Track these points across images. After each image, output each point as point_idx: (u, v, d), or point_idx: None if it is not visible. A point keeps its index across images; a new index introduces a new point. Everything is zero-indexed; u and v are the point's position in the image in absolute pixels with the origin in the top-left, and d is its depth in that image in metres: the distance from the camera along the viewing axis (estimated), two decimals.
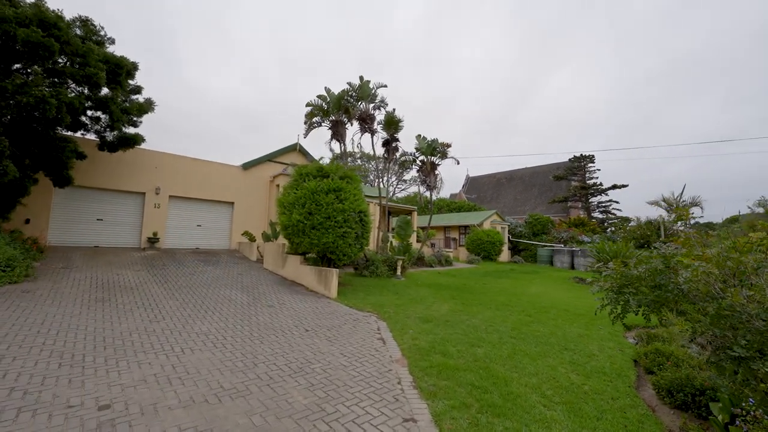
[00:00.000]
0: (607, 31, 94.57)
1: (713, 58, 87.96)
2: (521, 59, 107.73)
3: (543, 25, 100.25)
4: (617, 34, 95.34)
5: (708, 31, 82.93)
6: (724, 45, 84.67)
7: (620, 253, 14.28)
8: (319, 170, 9.29)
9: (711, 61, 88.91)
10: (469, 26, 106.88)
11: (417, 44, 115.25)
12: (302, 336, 5.38)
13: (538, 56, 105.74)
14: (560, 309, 8.35)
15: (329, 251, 8.79)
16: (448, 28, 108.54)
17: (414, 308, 7.58)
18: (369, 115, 12.69)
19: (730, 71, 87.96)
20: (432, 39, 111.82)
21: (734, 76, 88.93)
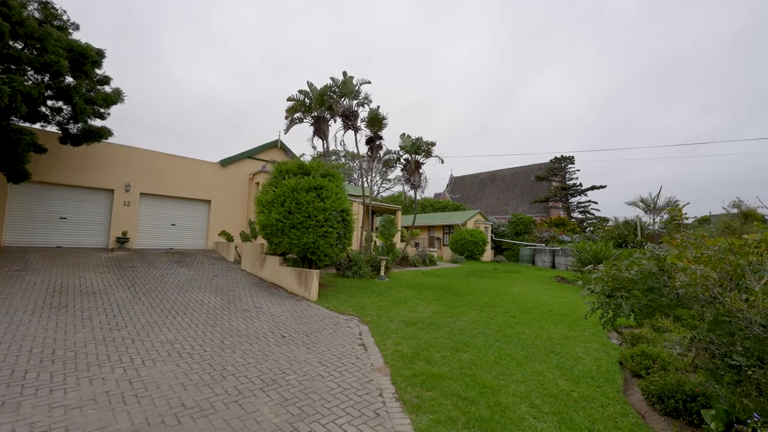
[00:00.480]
0: (589, 36, 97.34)
1: (689, 64, 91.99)
2: (506, 61, 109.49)
3: (526, 29, 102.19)
4: (598, 40, 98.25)
5: (684, 40, 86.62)
6: (699, 53, 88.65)
7: (600, 253, 14.51)
8: (300, 167, 8.92)
9: (687, 68, 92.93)
10: (454, 27, 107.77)
11: (403, 44, 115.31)
12: (278, 343, 5.04)
13: (522, 59, 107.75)
14: (544, 309, 8.30)
15: (310, 252, 8.45)
16: (434, 28, 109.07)
17: (397, 310, 7.35)
18: (352, 111, 12.37)
19: (704, 78, 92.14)
20: (418, 39, 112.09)
21: (707, 82, 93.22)
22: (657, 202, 14.35)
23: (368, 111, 13.02)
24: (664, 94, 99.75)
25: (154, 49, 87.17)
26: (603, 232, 26.05)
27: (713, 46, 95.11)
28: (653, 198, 14.39)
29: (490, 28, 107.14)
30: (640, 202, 14.83)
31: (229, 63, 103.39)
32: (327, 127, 12.59)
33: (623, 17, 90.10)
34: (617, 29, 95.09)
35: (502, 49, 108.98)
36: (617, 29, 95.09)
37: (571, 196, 36.60)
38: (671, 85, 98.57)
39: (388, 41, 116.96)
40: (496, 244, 27.59)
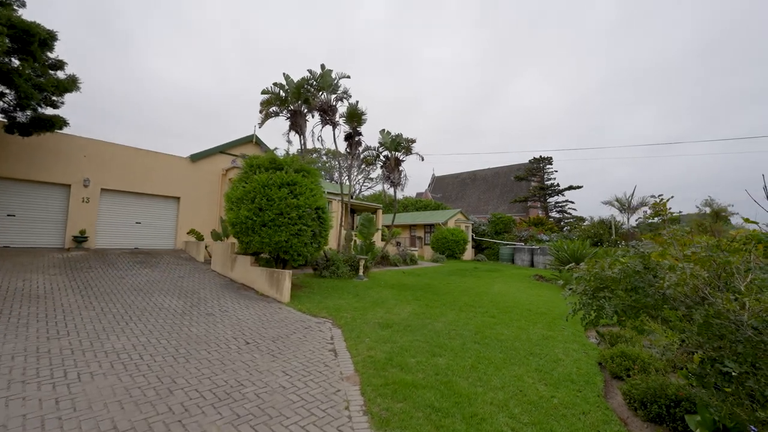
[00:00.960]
0: (564, 42, 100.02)
1: (657, 70, 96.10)
2: (485, 64, 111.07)
3: (505, 34, 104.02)
4: (574, 46, 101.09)
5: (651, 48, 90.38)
6: (666, 60, 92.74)
7: (577, 251, 14.70)
8: (272, 162, 8.45)
9: (655, 74, 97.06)
10: (435, 29, 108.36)
11: (383, 44, 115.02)
12: (240, 350, 4.62)
13: (501, 62, 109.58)
14: (523, 309, 8.19)
15: (282, 251, 8.01)
16: (415, 28, 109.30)
17: (374, 312, 7.03)
18: (330, 106, 11.94)
19: (671, 84, 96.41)
20: (398, 39, 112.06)
21: (674, 88, 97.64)
22: (631, 201, 14.61)
23: (347, 106, 12.64)
24: (634, 99, 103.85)
25: (125, 40, 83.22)
26: (579, 231, 26.64)
27: (679, 55, 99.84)
28: (628, 197, 14.66)
29: (469, 33, 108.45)
30: (615, 202, 15.11)
31: (207, 58, 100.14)
32: (304, 121, 12.12)
33: (600, 24, 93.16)
34: (594, 35, 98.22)
35: (483, 50, 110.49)
36: (594, 35, 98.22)
37: (549, 196, 37.36)
38: (640, 91, 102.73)
39: (369, 41, 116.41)
40: (477, 243, 27.74)
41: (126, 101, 77.29)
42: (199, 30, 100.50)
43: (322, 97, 12.05)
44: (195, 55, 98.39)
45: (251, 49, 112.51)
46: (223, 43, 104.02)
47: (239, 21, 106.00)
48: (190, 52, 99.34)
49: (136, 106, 78.39)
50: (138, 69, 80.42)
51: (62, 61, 9.57)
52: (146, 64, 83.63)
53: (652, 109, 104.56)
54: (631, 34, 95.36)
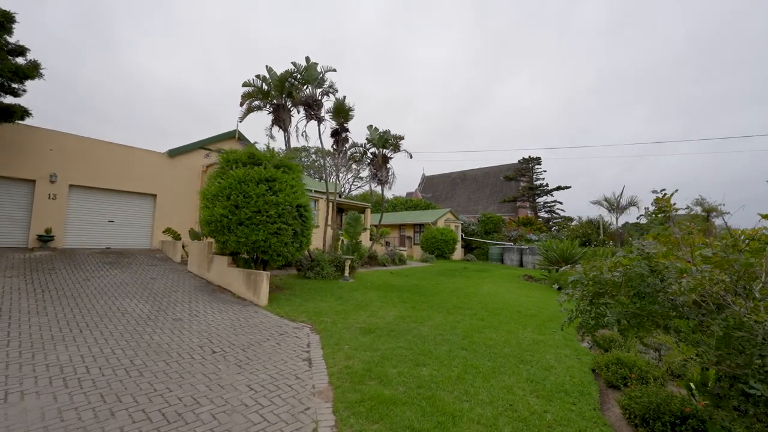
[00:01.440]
0: (554, 45, 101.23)
1: (643, 74, 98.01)
2: (478, 67, 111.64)
3: (499, 34, 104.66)
4: (563, 48, 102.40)
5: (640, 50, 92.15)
6: (652, 63, 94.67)
7: (566, 251, 14.58)
8: (251, 157, 7.98)
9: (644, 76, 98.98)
10: (428, 28, 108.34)
11: (376, 43, 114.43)
12: (205, 361, 4.18)
13: (493, 63, 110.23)
14: (513, 310, 7.91)
15: (260, 251, 7.55)
16: (409, 29, 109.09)
17: (357, 316, 6.64)
18: (315, 100, 11.49)
19: (657, 87, 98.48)
20: (391, 38, 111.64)
21: (660, 91, 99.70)
22: (620, 201, 14.54)
23: (334, 101, 12.21)
24: (621, 102, 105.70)
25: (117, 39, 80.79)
26: (568, 231, 26.73)
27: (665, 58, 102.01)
28: (616, 197, 14.58)
29: (464, 35, 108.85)
30: (604, 201, 15.03)
31: (201, 58, 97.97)
32: (288, 116, 11.63)
33: (587, 29, 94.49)
34: (582, 38, 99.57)
35: (475, 57, 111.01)
36: (582, 38, 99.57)
37: (538, 196, 37.52)
38: (626, 94, 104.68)
39: (363, 41, 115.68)
40: (467, 243, 27.59)
41: (122, 101, 75.14)
42: (194, 30, 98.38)
43: (307, 91, 11.59)
44: (189, 55, 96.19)
45: (246, 49, 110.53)
46: (218, 42, 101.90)
47: (233, 20, 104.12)
48: (185, 51, 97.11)
49: (129, 105, 76.18)
50: (132, 68, 78.12)
51: (23, 46, 8.90)
52: (140, 64, 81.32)
53: (639, 111, 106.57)
54: (621, 37, 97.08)
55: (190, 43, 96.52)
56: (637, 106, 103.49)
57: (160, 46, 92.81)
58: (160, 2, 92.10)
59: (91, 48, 78.00)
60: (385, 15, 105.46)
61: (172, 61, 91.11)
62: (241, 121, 11.04)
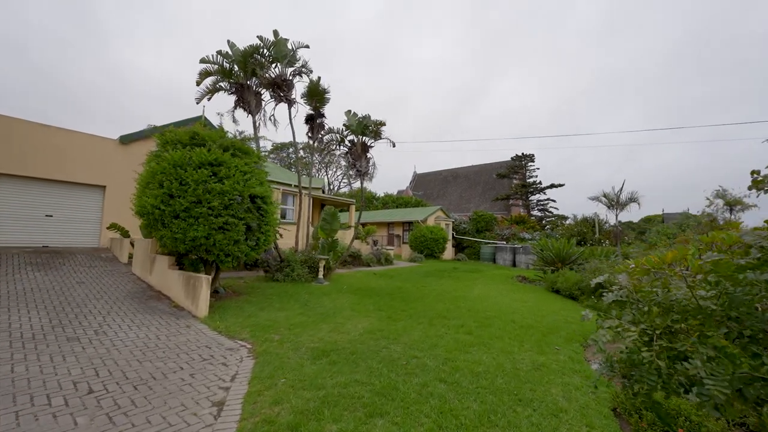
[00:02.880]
0: (546, 46, 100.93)
1: (633, 75, 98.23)
2: (471, 67, 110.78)
3: (490, 36, 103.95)
4: (556, 50, 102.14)
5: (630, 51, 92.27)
6: (642, 65, 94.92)
7: (562, 251, 13.50)
8: (193, 137, 6.65)
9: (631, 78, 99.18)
10: (422, 28, 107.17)
11: (370, 41, 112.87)
12: (66, 407, 2.87)
13: (486, 63, 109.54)
14: (506, 319, 6.73)
15: (203, 250, 6.23)
16: (402, 28, 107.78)
17: (316, 330, 5.37)
18: (285, 80, 10.15)
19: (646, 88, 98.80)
20: (386, 39, 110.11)
21: (649, 92, 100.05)
22: (620, 196, 13.49)
23: (308, 83, 10.90)
24: (611, 103, 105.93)
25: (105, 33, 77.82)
26: (562, 229, 25.80)
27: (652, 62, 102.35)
28: (616, 193, 13.53)
29: (457, 36, 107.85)
30: (602, 197, 13.97)
31: (186, 53, 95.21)
32: (254, 98, 10.27)
33: (580, 31, 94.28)
34: (573, 41, 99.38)
35: (470, 57, 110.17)
36: (573, 41, 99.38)
37: (531, 194, 36.62)
38: (615, 95, 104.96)
39: (353, 40, 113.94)
40: (458, 241, 26.47)
41: (108, 96, 72.45)
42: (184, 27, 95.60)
43: (276, 71, 10.26)
44: (179, 53, 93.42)
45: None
46: (210, 40, 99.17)
47: (226, 19, 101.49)
48: (174, 50, 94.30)
49: (115, 101, 73.46)
50: (122, 64, 75.30)
51: None
52: (130, 61, 78.42)
53: (630, 112, 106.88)
54: (613, 39, 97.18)
55: (180, 41, 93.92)
56: (627, 107, 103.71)
57: (149, 43, 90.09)
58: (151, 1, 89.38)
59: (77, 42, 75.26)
60: (378, 15, 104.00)
61: (161, 58, 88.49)
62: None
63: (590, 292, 9.74)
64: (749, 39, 73.09)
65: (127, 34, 78.96)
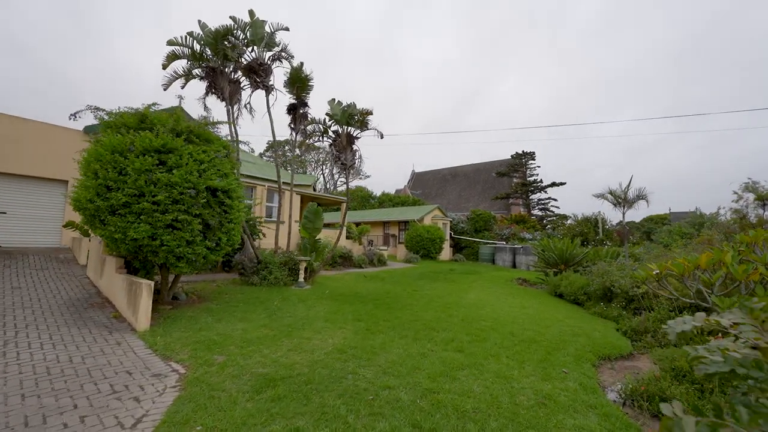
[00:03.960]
0: (548, 46, 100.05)
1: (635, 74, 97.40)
2: (472, 66, 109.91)
3: (490, 35, 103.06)
4: (557, 49, 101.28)
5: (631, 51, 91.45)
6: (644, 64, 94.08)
7: (566, 252, 12.59)
8: (142, 121, 5.74)
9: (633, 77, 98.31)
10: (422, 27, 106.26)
11: (371, 42, 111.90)
12: None
13: (486, 63, 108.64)
14: (504, 331, 5.82)
15: (150, 251, 5.32)
16: (401, 29, 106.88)
17: (275, 347, 4.47)
18: (262, 64, 9.24)
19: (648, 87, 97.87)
20: (386, 38, 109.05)
21: (651, 91, 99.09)
22: (628, 193, 12.53)
23: (290, 69, 10.00)
24: (612, 103, 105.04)
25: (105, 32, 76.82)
26: (564, 229, 24.90)
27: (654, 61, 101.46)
28: (623, 189, 12.57)
29: (456, 35, 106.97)
30: (608, 195, 12.98)
31: None
32: (228, 84, 9.36)
33: (580, 30, 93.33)
34: (574, 41, 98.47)
35: (470, 56, 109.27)
36: (574, 41, 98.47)
37: (532, 192, 35.73)
38: (617, 95, 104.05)
39: (353, 40, 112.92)
40: (456, 241, 25.57)
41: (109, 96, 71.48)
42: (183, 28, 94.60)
43: (253, 54, 9.35)
44: None
45: None
46: None
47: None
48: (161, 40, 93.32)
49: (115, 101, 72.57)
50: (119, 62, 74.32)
51: None
52: (131, 60, 77.41)
53: (632, 111, 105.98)
54: (613, 38, 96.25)
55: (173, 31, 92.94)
56: (628, 107, 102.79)
57: (148, 42, 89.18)
58: None
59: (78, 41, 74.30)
60: (379, 15, 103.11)
61: (159, 57, 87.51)
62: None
63: (598, 297, 8.84)
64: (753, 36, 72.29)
65: (126, 34, 78.00)
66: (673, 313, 6.27)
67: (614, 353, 5.31)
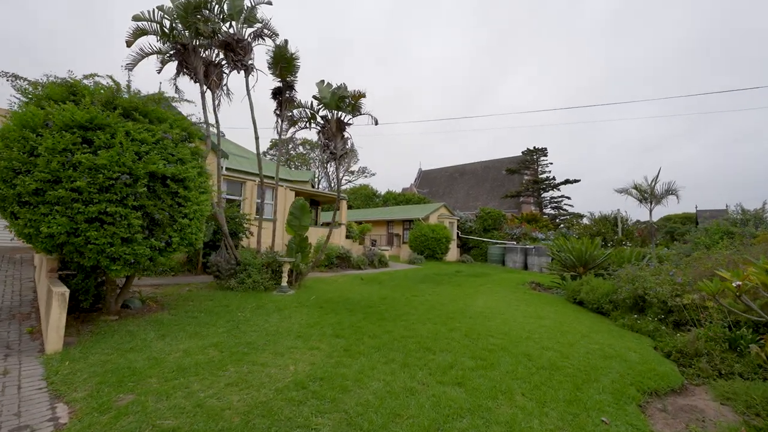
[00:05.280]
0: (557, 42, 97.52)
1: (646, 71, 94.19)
2: (479, 64, 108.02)
3: (498, 35, 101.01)
4: (567, 45, 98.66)
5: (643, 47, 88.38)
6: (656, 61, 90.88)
7: (585, 253, 11.26)
8: (73, 93, 4.72)
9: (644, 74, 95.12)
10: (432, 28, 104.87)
11: (379, 40, 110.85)
12: None
13: (494, 60, 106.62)
14: (518, 352, 4.64)
15: (73, 251, 4.29)
16: (409, 26, 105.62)
17: (212, 379, 3.38)
18: (240, 40, 8.20)
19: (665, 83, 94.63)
20: (394, 36, 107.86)
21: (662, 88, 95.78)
22: (654, 187, 11.16)
23: (273, 48, 8.94)
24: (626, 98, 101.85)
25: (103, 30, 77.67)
26: (580, 228, 23.41)
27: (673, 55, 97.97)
28: (650, 183, 11.20)
29: (465, 33, 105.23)
30: (632, 189, 11.64)
31: None
32: (208, 66, 8.35)
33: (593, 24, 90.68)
34: (585, 35, 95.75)
35: (477, 55, 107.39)
36: (585, 35, 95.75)
37: (544, 190, 34.15)
38: (630, 91, 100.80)
39: (364, 38, 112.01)
40: (463, 241, 24.26)
41: None
42: None
43: (230, 30, 8.32)
44: None
45: None
46: None
47: None
48: None
49: None
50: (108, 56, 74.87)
51: None
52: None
53: (645, 109, 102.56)
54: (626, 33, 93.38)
55: None
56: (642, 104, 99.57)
57: None
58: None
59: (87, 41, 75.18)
60: (387, 13, 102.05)
61: None
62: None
63: (627, 307, 7.55)
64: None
65: None
66: (728, 330, 4.99)
67: (662, 386, 4.09)
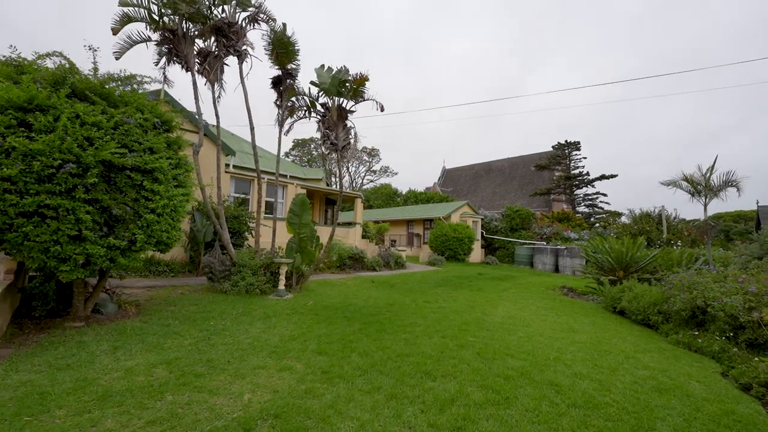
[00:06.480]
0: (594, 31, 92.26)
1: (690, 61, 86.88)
2: (511, 56, 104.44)
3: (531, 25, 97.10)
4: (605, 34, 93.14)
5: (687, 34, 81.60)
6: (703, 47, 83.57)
7: (627, 254, 9.79)
8: (23, 72, 4.22)
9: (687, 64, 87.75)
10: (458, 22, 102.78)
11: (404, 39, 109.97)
12: None
13: (525, 53, 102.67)
14: (543, 381, 3.61)
15: (13, 250, 3.75)
16: (436, 23, 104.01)
17: (130, 416, 2.65)
18: (231, 24, 7.61)
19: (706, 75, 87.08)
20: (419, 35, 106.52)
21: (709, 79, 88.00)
22: (709, 178, 9.52)
23: (270, 33, 8.31)
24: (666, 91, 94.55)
25: None
26: (618, 227, 21.34)
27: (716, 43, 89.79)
28: (704, 174, 9.56)
29: (494, 24, 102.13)
30: (682, 182, 9.99)
31: None
32: (203, 56, 7.85)
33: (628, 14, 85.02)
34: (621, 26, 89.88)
35: (507, 42, 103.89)
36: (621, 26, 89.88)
37: (577, 187, 31.84)
38: (672, 82, 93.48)
39: (387, 34, 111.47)
40: (488, 242, 22.85)
41: None
42: None
43: (223, 14, 7.76)
44: None
45: None
46: None
47: None
48: None
49: None
50: None
51: None
52: None
53: (686, 101, 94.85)
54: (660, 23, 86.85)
55: None
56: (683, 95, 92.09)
57: None
58: None
59: None
60: (410, 12, 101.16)
61: None
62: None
63: (682, 319, 6.20)
64: None
65: None
66: None
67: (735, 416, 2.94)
